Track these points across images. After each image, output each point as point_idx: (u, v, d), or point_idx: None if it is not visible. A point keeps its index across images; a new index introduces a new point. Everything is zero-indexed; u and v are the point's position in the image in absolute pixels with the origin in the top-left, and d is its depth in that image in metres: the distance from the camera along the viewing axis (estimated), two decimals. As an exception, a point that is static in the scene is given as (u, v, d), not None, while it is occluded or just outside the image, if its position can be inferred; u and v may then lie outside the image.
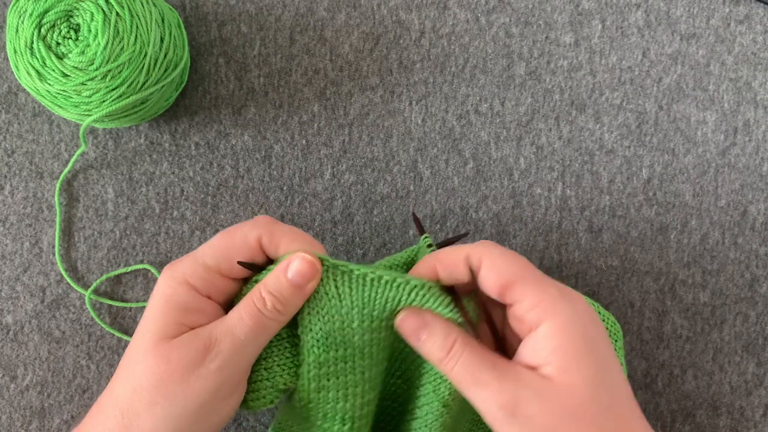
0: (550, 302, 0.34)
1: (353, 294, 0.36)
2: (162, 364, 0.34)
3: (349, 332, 0.36)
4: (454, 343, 0.35)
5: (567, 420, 0.33)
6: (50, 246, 0.50)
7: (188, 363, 0.34)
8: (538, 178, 0.51)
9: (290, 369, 0.38)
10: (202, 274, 0.36)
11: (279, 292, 0.36)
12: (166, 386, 0.34)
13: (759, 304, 0.51)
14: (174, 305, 0.35)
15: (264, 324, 0.36)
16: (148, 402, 0.34)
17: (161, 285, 0.36)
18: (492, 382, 0.33)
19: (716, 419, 0.51)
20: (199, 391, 0.34)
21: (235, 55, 0.51)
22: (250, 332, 0.35)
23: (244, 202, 0.50)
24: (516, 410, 0.33)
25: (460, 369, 0.34)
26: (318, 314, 0.36)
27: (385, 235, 0.51)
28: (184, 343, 0.35)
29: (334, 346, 0.36)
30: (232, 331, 0.35)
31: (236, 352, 0.35)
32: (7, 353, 0.49)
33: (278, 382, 0.37)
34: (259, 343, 0.36)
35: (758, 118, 0.52)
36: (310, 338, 0.36)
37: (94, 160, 0.50)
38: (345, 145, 0.51)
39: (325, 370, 0.36)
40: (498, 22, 0.51)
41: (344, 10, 0.51)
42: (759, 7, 0.52)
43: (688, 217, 0.51)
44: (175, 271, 0.36)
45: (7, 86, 0.50)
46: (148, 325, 0.36)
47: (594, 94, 0.51)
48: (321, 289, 0.36)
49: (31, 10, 0.42)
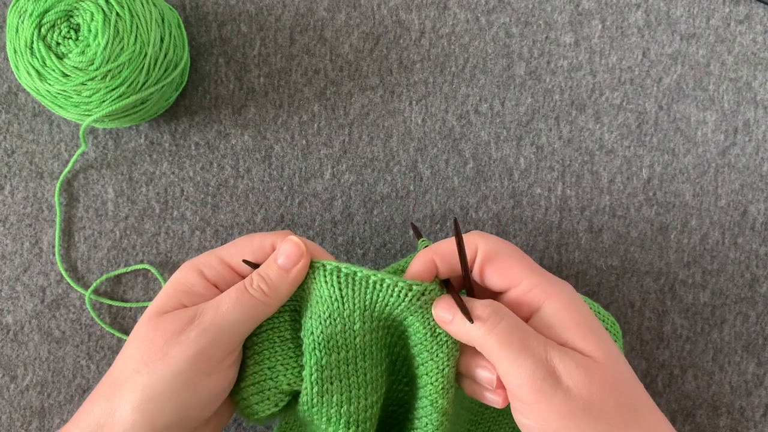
0: (548, 283, 0.35)
1: (356, 296, 0.36)
2: (149, 332, 0.36)
3: (350, 334, 0.36)
4: (494, 306, 0.35)
5: (605, 392, 0.33)
6: (50, 246, 0.50)
7: (172, 332, 0.35)
8: (538, 178, 0.51)
9: (294, 370, 0.38)
10: (214, 264, 0.38)
11: (266, 273, 0.37)
12: (148, 353, 0.35)
13: (759, 304, 0.51)
14: (179, 286, 0.38)
15: (249, 302, 0.36)
16: (132, 370, 0.35)
17: (176, 272, 0.39)
18: (539, 347, 0.33)
19: (716, 419, 0.51)
20: (176, 357, 0.35)
21: (235, 55, 0.51)
22: (233, 306, 0.36)
23: (244, 202, 0.50)
24: (560, 380, 0.32)
25: (505, 330, 0.33)
26: (320, 317, 0.36)
27: (385, 235, 0.51)
28: (173, 315, 0.36)
29: (336, 349, 0.36)
30: (217, 303, 0.36)
31: (217, 324, 0.35)
32: (7, 353, 0.49)
33: (281, 382, 0.37)
34: (243, 321, 0.36)
35: (758, 118, 0.52)
36: (311, 341, 0.37)
37: (94, 160, 0.50)
38: (345, 145, 0.51)
39: (328, 373, 0.36)
40: (498, 22, 0.51)
41: (344, 10, 0.51)
42: (759, 7, 0.52)
43: (688, 217, 0.51)
44: (193, 260, 0.39)
45: (7, 86, 0.50)
46: (153, 303, 0.38)
47: (594, 94, 0.51)
48: (324, 292, 0.36)
49: (31, 10, 0.42)
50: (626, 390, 0.34)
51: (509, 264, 0.36)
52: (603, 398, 0.32)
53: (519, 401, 0.34)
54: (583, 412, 0.32)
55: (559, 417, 0.32)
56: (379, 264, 0.51)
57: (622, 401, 0.33)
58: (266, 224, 0.50)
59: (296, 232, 0.50)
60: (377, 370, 0.37)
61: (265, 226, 0.50)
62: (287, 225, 0.50)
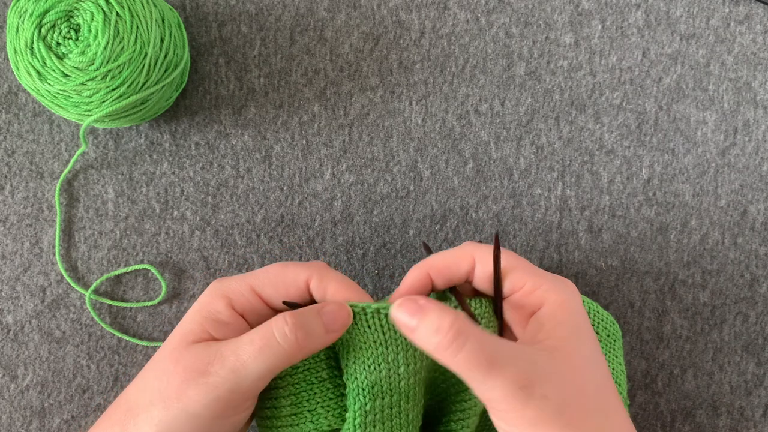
0: (549, 285, 0.35)
1: (398, 338, 0.35)
2: (170, 365, 0.35)
3: (395, 378, 0.36)
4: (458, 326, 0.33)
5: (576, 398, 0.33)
6: (50, 246, 0.50)
7: (191, 371, 0.34)
8: (538, 178, 0.51)
9: (334, 411, 0.37)
10: (243, 292, 0.37)
11: (307, 324, 0.35)
12: (166, 388, 0.34)
13: (759, 304, 0.51)
14: (206, 313, 0.36)
15: (272, 352, 0.34)
16: (148, 402, 0.35)
17: (204, 294, 0.37)
18: (509, 362, 0.32)
19: (716, 419, 0.51)
20: (193, 399, 0.34)
21: (236, 55, 0.51)
22: (255, 355, 0.34)
23: (244, 202, 0.50)
24: (533, 390, 0.32)
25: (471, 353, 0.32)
26: (364, 363, 0.36)
27: (385, 235, 0.51)
28: (195, 351, 0.35)
29: (380, 394, 0.36)
30: (237, 350, 0.35)
31: (237, 372, 0.34)
32: (7, 353, 0.49)
33: (322, 424, 0.37)
34: (263, 373, 0.35)
35: (758, 118, 0.52)
36: (355, 387, 0.36)
37: (94, 160, 0.50)
38: (345, 145, 0.51)
39: (371, 417, 0.36)
40: (498, 22, 0.51)
41: (344, 10, 0.51)
42: (759, 7, 0.52)
43: (688, 217, 0.51)
44: (221, 284, 0.37)
45: (8, 86, 0.50)
46: (178, 328, 0.36)
47: (594, 94, 0.51)
48: (369, 338, 0.36)
49: (32, 10, 0.42)
50: (597, 394, 0.34)
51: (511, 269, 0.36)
52: (574, 404, 0.32)
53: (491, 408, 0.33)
54: (554, 420, 0.32)
55: (530, 425, 0.32)
56: (379, 264, 0.51)
57: (592, 406, 0.33)
58: (266, 224, 0.50)
59: (296, 232, 0.50)
60: (418, 408, 0.37)
61: (265, 226, 0.50)
62: (287, 225, 0.50)
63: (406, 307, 0.33)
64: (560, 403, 0.32)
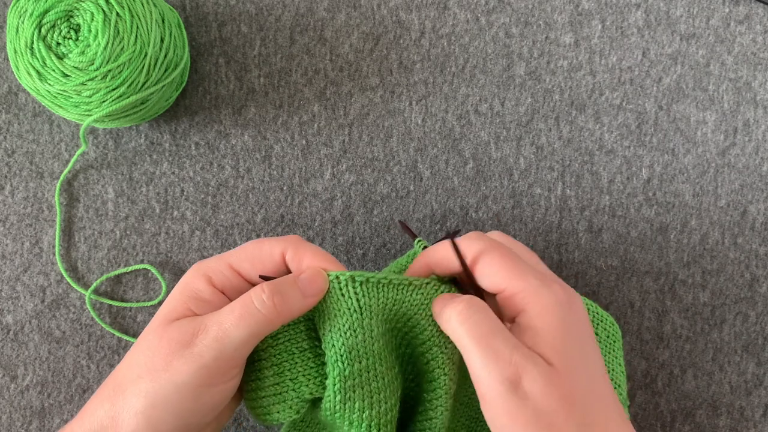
0: (530, 290, 0.35)
1: (372, 303, 0.37)
2: (155, 340, 0.36)
3: (369, 342, 0.37)
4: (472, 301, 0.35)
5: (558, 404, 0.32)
6: (50, 246, 0.50)
7: (176, 343, 0.35)
8: (538, 178, 0.51)
9: (315, 379, 0.38)
10: (222, 270, 0.38)
11: (284, 290, 0.36)
12: (153, 361, 0.35)
13: (759, 304, 0.51)
14: (187, 292, 0.37)
15: (252, 318, 0.36)
16: (136, 376, 0.35)
17: (185, 275, 0.38)
18: (504, 350, 0.33)
19: (716, 419, 0.51)
20: (179, 369, 0.35)
21: (235, 55, 0.51)
22: (236, 322, 0.36)
23: (244, 202, 0.50)
24: (518, 386, 0.32)
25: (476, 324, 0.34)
26: (340, 330, 0.37)
27: (385, 235, 0.51)
28: (179, 325, 0.36)
29: (357, 358, 0.37)
30: (219, 320, 0.36)
31: (220, 340, 0.35)
32: (7, 353, 0.49)
33: (304, 392, 0.38)
34: (246, 339, 0.36)
35: (758, 118, 0.52)
36: (333, 353, 0.37)
37: (94, 160, 0.50)
38: (345, 145, 0.51)
39: (351, 382, 0.37)
40: (498, 22, 0.51)
41: (344, 10, 0.51)
42: (759, 7, 0.52)
43: (688, 217, 0.51)
44: (201, 264, 0.38)
45: (7, 86, 0.50)
46: (161, 309, 0.38)
47: (594, 94, 0.51)
48: (343, 305, 0.37)
49: (32, 10, 0.42)
50: (581, 405, 0.33)
51: (494, 270, 0.36)
52: (554, 410, 0.32)
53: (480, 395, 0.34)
54: (531, 421, 0.32)
55: (508, 420, 0.32)
56: (379, 264, 0.51)
57: (573, 416, 0.33)
58: (266, 224, 0.50)
59: (296, 232, 0.50)
60: (392, 372, 0.38)
61: (265, 226, 0.50)
62: (287, 225, 0.50)
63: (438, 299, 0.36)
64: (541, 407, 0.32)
